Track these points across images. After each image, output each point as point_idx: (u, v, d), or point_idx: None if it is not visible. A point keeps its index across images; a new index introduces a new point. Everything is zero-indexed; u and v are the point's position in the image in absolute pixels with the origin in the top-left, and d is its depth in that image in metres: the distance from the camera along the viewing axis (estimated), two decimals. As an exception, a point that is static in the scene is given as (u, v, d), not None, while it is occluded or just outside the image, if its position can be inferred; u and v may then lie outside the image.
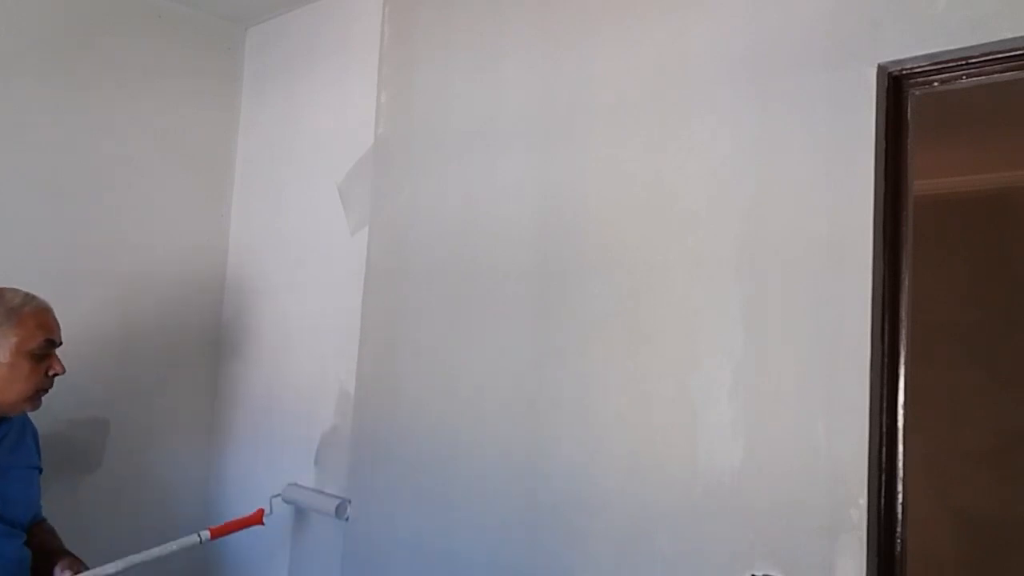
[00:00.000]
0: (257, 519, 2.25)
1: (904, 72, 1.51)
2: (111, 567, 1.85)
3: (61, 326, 1.84)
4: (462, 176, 2.15)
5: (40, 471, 1.97)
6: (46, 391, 1.83)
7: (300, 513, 2.44)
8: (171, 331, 2.68)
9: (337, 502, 2.29)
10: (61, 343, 1.84)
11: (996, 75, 1.45)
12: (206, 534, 2.09)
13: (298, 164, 2.64)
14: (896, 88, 1.53)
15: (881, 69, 1.50)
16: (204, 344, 2.76)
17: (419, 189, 2.25)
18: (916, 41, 1.47)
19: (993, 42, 1.40)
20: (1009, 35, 1.38)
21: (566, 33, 1.97)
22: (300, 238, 2.59)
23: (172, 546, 2.04)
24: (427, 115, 2.26)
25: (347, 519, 2.29)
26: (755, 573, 1.52)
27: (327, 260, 2.49)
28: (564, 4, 1.99)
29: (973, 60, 1.45)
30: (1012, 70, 1.43)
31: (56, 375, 1.82)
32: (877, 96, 1.50)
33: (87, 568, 1.83)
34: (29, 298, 1.81)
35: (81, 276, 2.46)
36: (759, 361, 1.58)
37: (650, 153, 1.78)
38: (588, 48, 1.92)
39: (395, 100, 2.36)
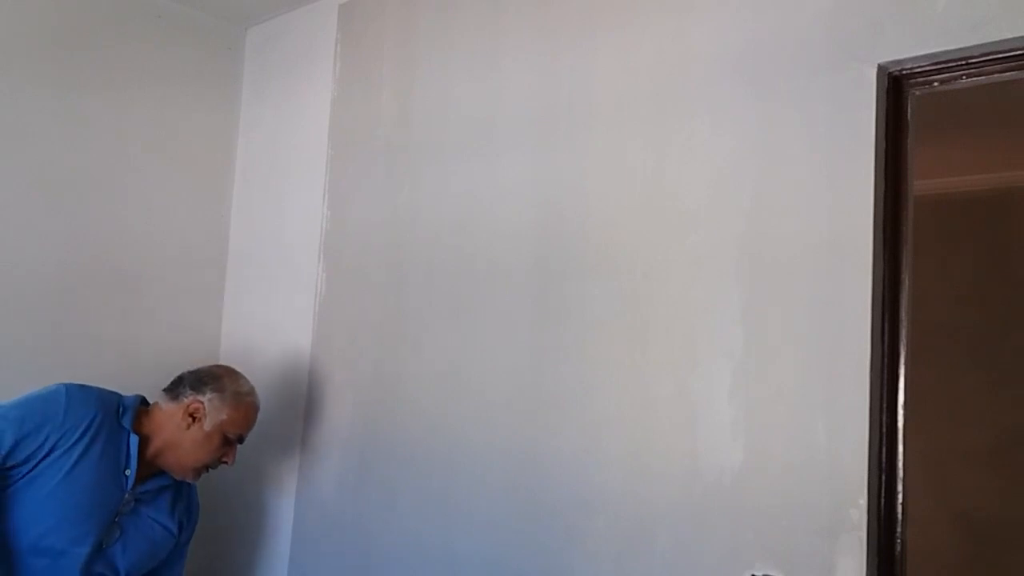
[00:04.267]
0: None
1: (904, 72, 1.52)
2: None
3: (60, 324, 1.85)
4: (462, 176, 2.15)
5: (177, 542, 2.05)
6: (208, 470, 2.04)
7: (300, 512, 2.44)
8: (172, 330, 2.67)
9: None
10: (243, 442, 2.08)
11: (996, 75, 1.45)
12: None
13: (298, 164, 2.64)
14: (896, 88, 1.53)
15: (881, 69, 1.50)
16: (205, 343, 2.76)
17: (419, 189, 2.25)
18: (916, 41, 1.47)
19: (993, 42, 1.40)
20: (1009, 35, 1.38)
21: (566, 33, 1.97)
22: (300, 238, 2.59)
23: None
24: (427, 115, 2.26)
25: None
26: (755, 573, 1.52)
27: (327, 260, 2.48)
28: (564, 4, 1.99)
29: (973, 60, 1.45)
30: (1012, 70, 1.43)
31: (225, 464, 2.04)
32: (877, 96, 1.50)
33: None
34: (253, 392, 2.10)
35: (81, 276, 2.45)
36: (759, 361, 1.57)
37: (650, 153, 1.78)
38: (588, 48, 1.92)
39: (395, 100, 2.35)
